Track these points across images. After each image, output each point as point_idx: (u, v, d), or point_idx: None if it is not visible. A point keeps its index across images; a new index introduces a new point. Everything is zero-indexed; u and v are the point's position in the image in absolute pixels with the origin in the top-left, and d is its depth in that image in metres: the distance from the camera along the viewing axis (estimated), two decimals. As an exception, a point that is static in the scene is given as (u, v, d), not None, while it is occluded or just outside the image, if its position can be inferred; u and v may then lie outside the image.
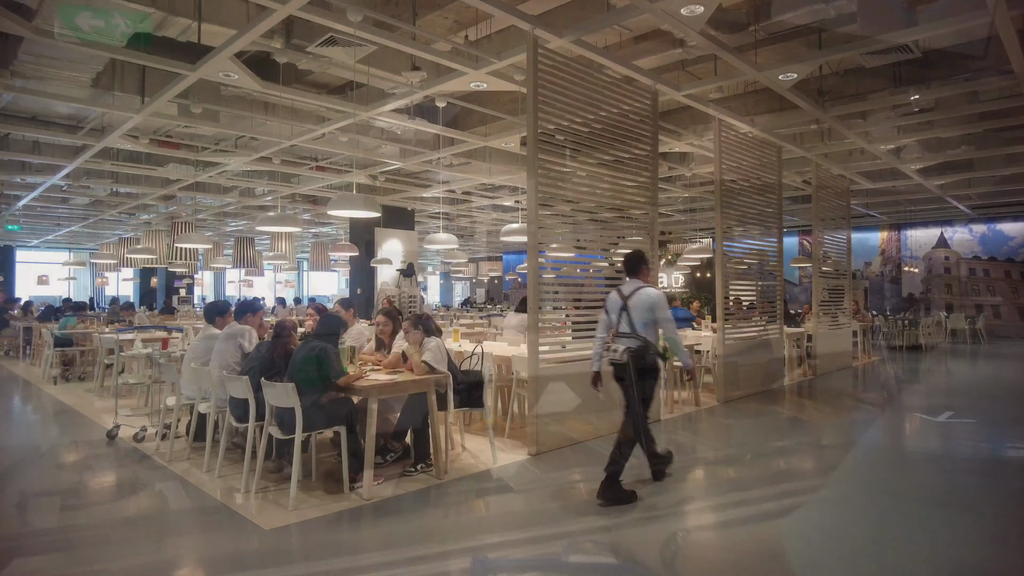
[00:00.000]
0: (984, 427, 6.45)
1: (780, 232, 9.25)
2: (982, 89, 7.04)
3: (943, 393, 8.58)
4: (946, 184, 12.17)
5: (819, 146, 9.49)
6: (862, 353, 12.40)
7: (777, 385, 9.00)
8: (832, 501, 4.25)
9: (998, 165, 10.72)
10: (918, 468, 5.10)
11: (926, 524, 3.76)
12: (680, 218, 16.86)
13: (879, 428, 6.62)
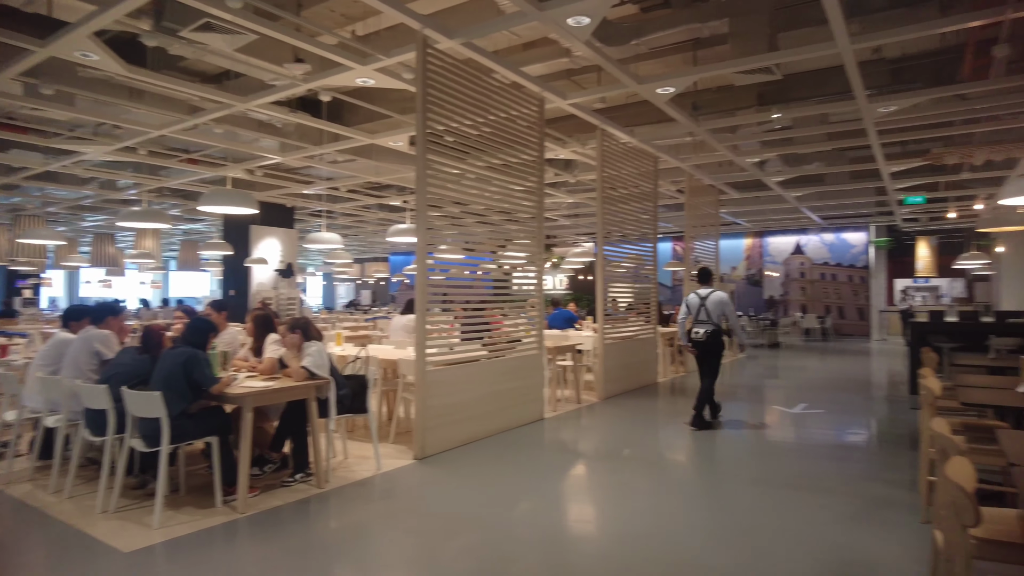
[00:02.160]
0: (832, 416, 7.12)
1: (655, 238, 9.75)
2: (831, 112, 7.77)
3: (798, 387, 9.39)
4: (802, 196, 13.34)
5: (692, 157, 10.09)
6: (729, 351, 13.33)
7: (653, 381, 9.49)
8: (703, 489, 4.52)
9: (844, 181, 11.90)
10: (779, 456, 5.54)
11: (790, 507, 4.09)
12: (565, 223, 17.35)
13: (743, 420, 7.13)
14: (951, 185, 12.40)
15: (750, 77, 6.60)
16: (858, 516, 3.93)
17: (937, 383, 3.92)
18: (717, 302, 6.48)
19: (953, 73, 6.86)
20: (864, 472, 4.96)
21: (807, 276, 19.46)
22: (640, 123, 8.44)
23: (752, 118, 8.05)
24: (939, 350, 6.18)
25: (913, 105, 7.31)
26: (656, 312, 9.88)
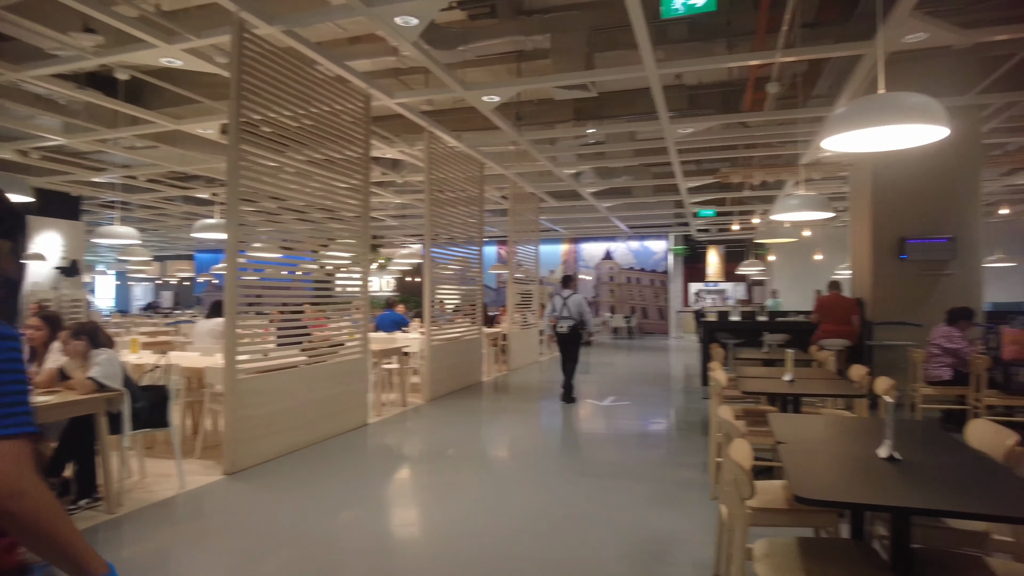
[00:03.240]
0: (637, 407, 7.78)
1: (481, 241, 9.98)
2: (638, 130, 8.51)
3: (607, 381, 10.13)
4: (612, 206, 14.44)
5: (516, 165, 10.49)
6: (547, 349, 14.05)
7: (478, 381, 9.69)
8: (525, 483, 4.71)
9: (648, 194, 13.08)
10: (591, 447, 5.93)
11: (603, 494, 4.39)
12: (392, 223, 17.13)
13: (560, 414, 7.53)
14: (735, 201, 14.17)
15: (568, 92, 7.01)
16: (660, 498, 4.33)
17: (723, 375, 4.44)
18: (576, 303, 8.02)
19: (738, 103, 7.83)
20: (665, 458, 5.47)
21: (615, 280, 21.10)
22: (467, 128, 8.59)
23: (570, 131, 8.56)
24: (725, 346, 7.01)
25: (706, 128, 8.23)
26: (482, 313, 10.11)
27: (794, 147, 9.07)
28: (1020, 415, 5.70)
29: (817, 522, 2.67)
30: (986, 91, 6.76)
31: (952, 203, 7.25)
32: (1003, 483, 2.00)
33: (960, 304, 6.33)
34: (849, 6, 5.81)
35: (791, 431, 2.73)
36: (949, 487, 2.03)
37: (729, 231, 17.79)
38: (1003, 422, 2.56)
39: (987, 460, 2.25)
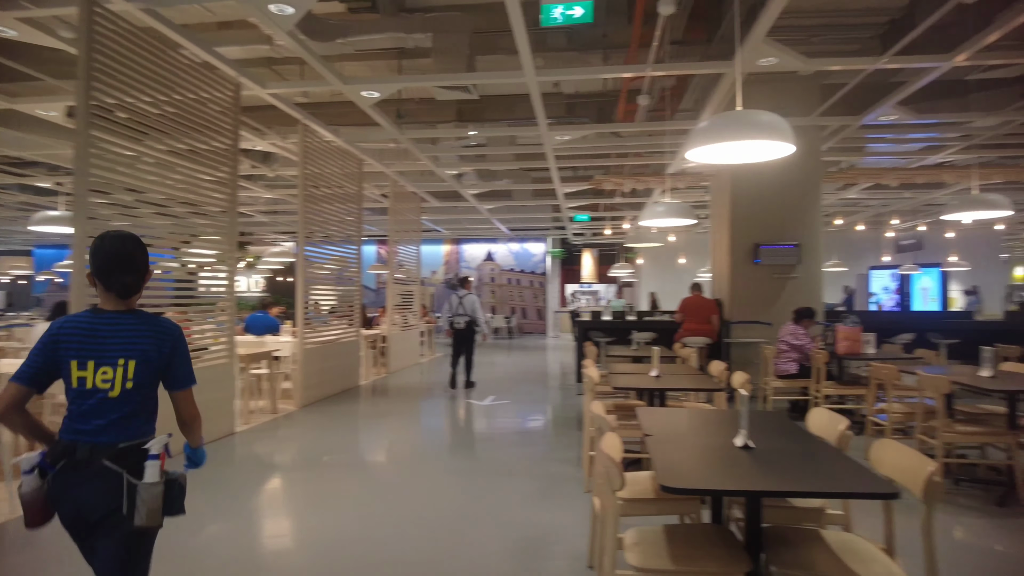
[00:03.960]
0: (516, 406, 7.92)
1: (360, 240, 9.74)
2: (519, 134, 8.67)
3: (488, 380, 10.23)
4: (493, 208, 14.61)
5: (396, 163, 10.33)
6: (428, 351, 13.97)
7: (355, 384, 9.45)
8: (405, 486, 4.65)
9: (528, 197, 13.37)
10: (473, 446, 5.97)
11: (484, 493, 4.43)
12: (263, 219, 16.28)
13: (441, 415, 7.52)
14: (608, 207, 14.81)
15: (450, 93, 7.02)
16: (538, 494, 4.44)
17: (596, 372, 4.62)
18: (471, 302, 9.07)
19: (611, 113, 8.19)
20: (542, 454, 5.62)
21: (496, 281, 21.38)
22: (345, 123, 8.35)
23: (451, 132, 8.56)
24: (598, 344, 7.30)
25: (582, 136, 8.54)
26: (360, 315, 9.86)
27: (661, 157, 9.63)
28: (851, 403, 6.40)
29: (682, 509, 2.85)
30: (825, 114, 7.54)
31: (798, 213, 8.02)
32: (836, 464, 2.24)
33: (804, 304, 7.01)
34: (713, 28, 6.26)
35: (657, 424, 2.90)
36: (793, 471, 2.24)
37: (602, 235, 18.57)
38: (837, 409, 2.87)
39: (824, 444, 2.52)
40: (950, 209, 6.50)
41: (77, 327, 1.88)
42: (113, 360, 1.87)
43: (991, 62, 6.00)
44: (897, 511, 2.21)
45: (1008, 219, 13.38)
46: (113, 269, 1.91)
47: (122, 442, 1.86)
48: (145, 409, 1.96)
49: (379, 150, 9.85)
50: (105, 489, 1.83)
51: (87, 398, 1.85)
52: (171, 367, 2.00)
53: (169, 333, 1.99)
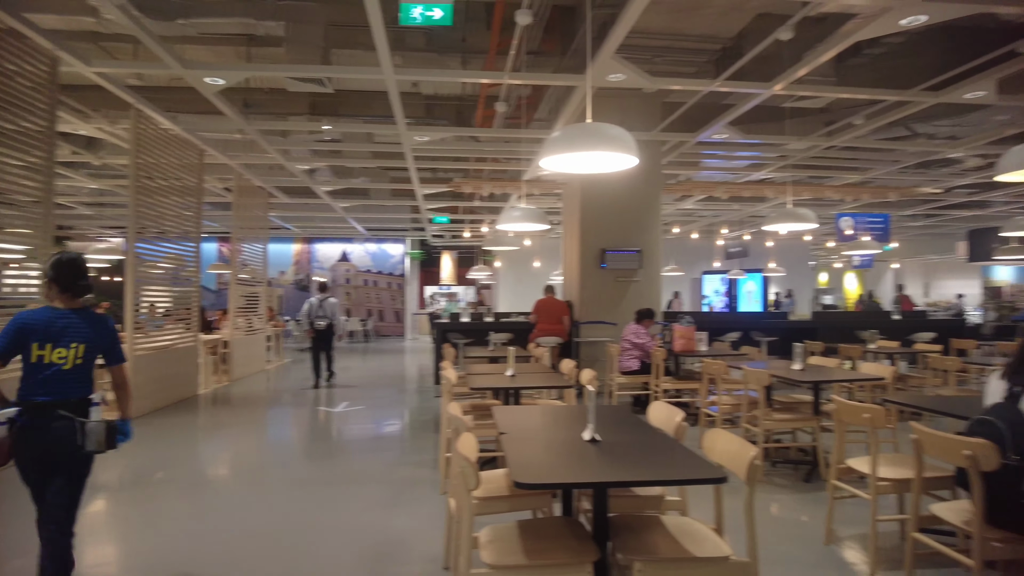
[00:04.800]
0: (371, 411, 7.75)
1: (199, 237, 9.04)
2: (376, 132, 8.50)
3: (342, 386, 9.91)
4: (349, 207, 14.19)
5: (242, 156, 9.71)
6: (276, 356, 13.26)
7: (193, 394, 8.76)
8: (250, 500, 4.38)
9: (386, 197, 13.14)
10: (323, 455, 5.75)
11: (334, 502, 4.27)
12: (86, 212, 14.59)
13: (288, 425, 7.17)
14: (467, 210, 14.94)
15: (303, 85, 6.73)
16: (393, 499, 4.38)
17: (454, 373, 4.65)
18: (331, 304, 9.82)
19: (470, 117, 8.29)
20: (397, 459, 5.54)
21: (352, 282, 20.78)
22: (185, 110, 7.72)
23: (304, 126, 8.21)
24: (456, 345, 7.33)
25: (441, 139, 8.55)
26: (198, 318, 9.14)
27: (518, 163, 9.90)
28: (687, 396, 6.96)
29: (535, 504, 2.94)
30: (665, 130, 8.15)
31: (640, 221, 8.59)
32: (673, 453, 2.43)
33: (645, 306, 7.51)
34: (567, 42, 6.54)
35: (512, 422, 2.97)
36: (636, 462, 2.40)
37: (462, 237, 18.71)
38: (674, 402, 3.11)
39: (663, 435, 2.72)
40: (769, 221, 7.28)
41: (38, 319, 2.59)
42: (67, 344, 2.60)
43: (801, 93, 6.81)
44: (726, 493, 2.44)
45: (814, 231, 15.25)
46: (77, 277, 2.68)
47: (74, 398, 2.62)
48: (88, 377, 2.70)
49: (223, 141, 9.20)
50: (66, 428, 2.56)
51: (45, 370, 2.56)
52: (109, 350, 2.79)
53: (107, 325, 2.78)
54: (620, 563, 2.27)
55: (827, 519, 3.55)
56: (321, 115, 7.97)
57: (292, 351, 15.86)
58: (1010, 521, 2.41)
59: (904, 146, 8.96)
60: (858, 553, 3.39)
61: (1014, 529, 2.41)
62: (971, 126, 8.39)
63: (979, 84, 6.36)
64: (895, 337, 8.84)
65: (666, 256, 11.42)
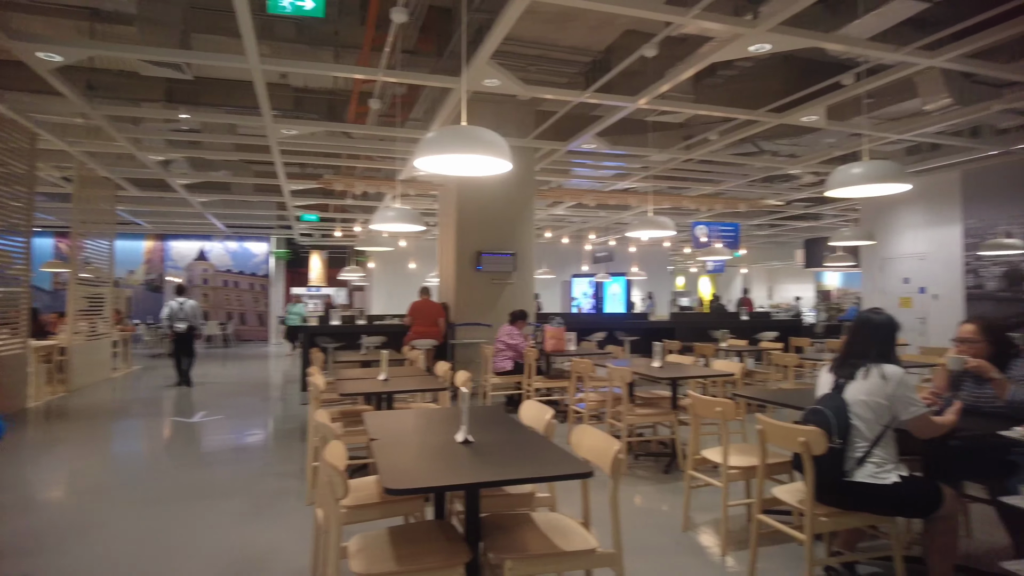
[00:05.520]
0: (231, 420, 7.29)
1: (30, 231, 8.06)
2: (240, 123, 8.02)
3: (197, 395, 9.25)
4: (208, 202, 13.27)
5: (85, 143, 8.79)
6: (123, 363, 12.11)
7: (21, 408, 7.79)
8: (91, 525, 3.96)
9: (249, 192, 12.43)
10: (176, 470, 5.32)
11: (191, 519, 3.96)
12: None
13: (136, 439, 6.58)
14: (338, 208, 14.49)
15: (158, 70, 6.22)
16: (256, 511, 4.14)
17: (322, 379, 4.48)
18: (192, 307, 10.00)
19: (342, 113, 8.04)
20: (260, 469, 5.25)
21: (210, 283, 19.43)
22: (14, 87, 6.86)
23: (158, 113, 7.58)
24: (325, 350, 7.09)
25: (311, 133, 8.23)
26: (29, 322, 8.14)
27: (392, 163, 9.74)
28: (557, 394, 7.17)
29: (407, 509, 2.90)
30: (538, 137, 8.37)
31: (514, 225, 8.75)
32: (543, 451, 2.49)
33: (519, 307, 7.66)
34: (443, 43, 6.53)
35: (384, 427, 2.91)
36: (507, 461, 2.43)
37: (332, 237, 18.10)
38: (545, 401, 3.19)
39: (534, 433, 2.78)
40: (632, 227, 7.68)
41: None
42: None
43: (663, 108, 7.25)
44: (592, 487, 2.54)
45: (673, 238, 16.31)
46: None
47: None
48: None
49: (61, 125, 8.27)
50: None
51: None
52: None
53: None
54: (492, 562, 2.30)
55: (684, 507, 3.80)
56: (178, 103, 7.39)
57: (143, 357, 14.56)
58: (834, 498, 2.70)
59: (752, 161, 9.82)
60: (712, 537, 3.66)
61: (837, 504, 2.70)
62: (806, 146, 9.36)
63: (812, 109, 7.10)
64: (743, 336, 9.65)
65: (539, 259, 11.73)
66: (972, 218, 9.81)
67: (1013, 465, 2.88)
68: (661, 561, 3.36)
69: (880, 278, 11.36)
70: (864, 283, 11.93)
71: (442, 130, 3.18)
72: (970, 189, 9.85)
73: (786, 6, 4.63)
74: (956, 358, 3.09)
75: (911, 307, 10.67)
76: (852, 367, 2.77)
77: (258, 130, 8.07)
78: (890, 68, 5.98)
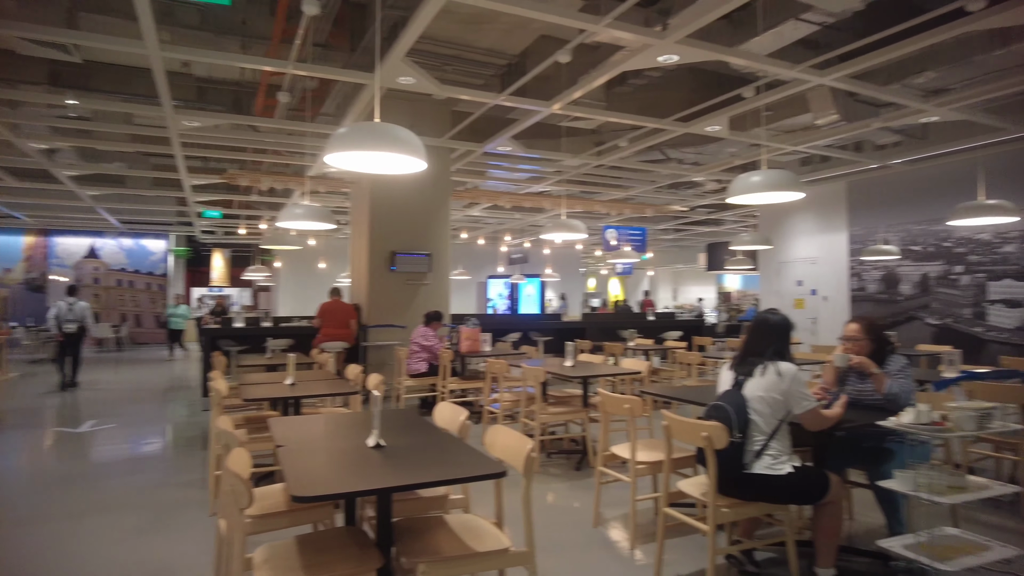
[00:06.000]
0: (125, 429, 6.82)
1: None
2: (136, 113, 7.51)
3: (86, 403, 8.60)
4: (99, 196, 12.35)
5: (-48, 126, 7.98)
6: None
7: None
8: (-47, 548, 3.59)
9: (146, 186, 11.68)
10: (62, 484, 4.92)
11: (80, 536, 3.67)
12: None
13: (16, 451, 6.04)
14: (243, 204, 13.87)
15: (41, 49, 5.74)
16: (154, 525, 3.89)
17: (225, 384, 4.27)
18: (81, 308, 9.81)
19: (249, 105, 7.70)
20: (158, 480, 4.94)
21: (102, 283, 18.10)
22: None
23: (41, 98, 6.98)
24: (228, 353, 6.76)
25: (215, 125, 7.83)
26: None
27: (302, 158, 9.43)
28: (472, 395, 7.16)
29: (316, 517, 2.81)
30: (454, 138, 8.34)
31: (430, 225, 8.68)
32: (457, 453, 2.48)
33: (434, 308, 7.61)
34: (357, 38, 6.38)
35: (291, 433, 2.81)
36: (420, 464, 2.41)
37: (236, 235, 17.31)
38: (460, 402, 3.18)
39: (448, 435, 2.76)
40: (546, 230, 7.79)
41: None
42: None
43: (576, 114, 7.41)
44: (506, 486, 2.55)
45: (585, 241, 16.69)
46: None
47: None
48: None
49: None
50: None
51: None
52: None
53: None
54: (404, 567, 2.26)
55: (595, 503, 3.89)
56: (65, 87, 6.84)
57: (21, 363, 13.38)
58: (735, 489, 2.85)
59: (659, 168, 10.20)
60: (621, 531, 3.76)
61: (738, 495, 2.85)
62: (710, 155, 9.82)
63: (716, 120, 7.46)
64: (650, 336, 10.00)
65: (455, 260, 11.69)
66: (856, 226, 10.61)
67: (889, 452, 3.14)
68: (573, 557, 3.43)
69: (776, 281, 12.09)
70: (762, 285, 12.66)
71: (354, 126, 3.11)
72: (854, 199, 10.66)
73: (693, 19, 4.84)
74: (842, 355, 3.34)
75: (804, 308, 11.41)
76: (751, 365, 2.93)
77: (157, 120, 7.59)
78: (786, 84, 6.38)
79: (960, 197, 6.44)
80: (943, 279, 9.34)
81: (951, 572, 2.57)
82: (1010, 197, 6.14)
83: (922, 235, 9.66)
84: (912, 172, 9.67)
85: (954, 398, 3.09)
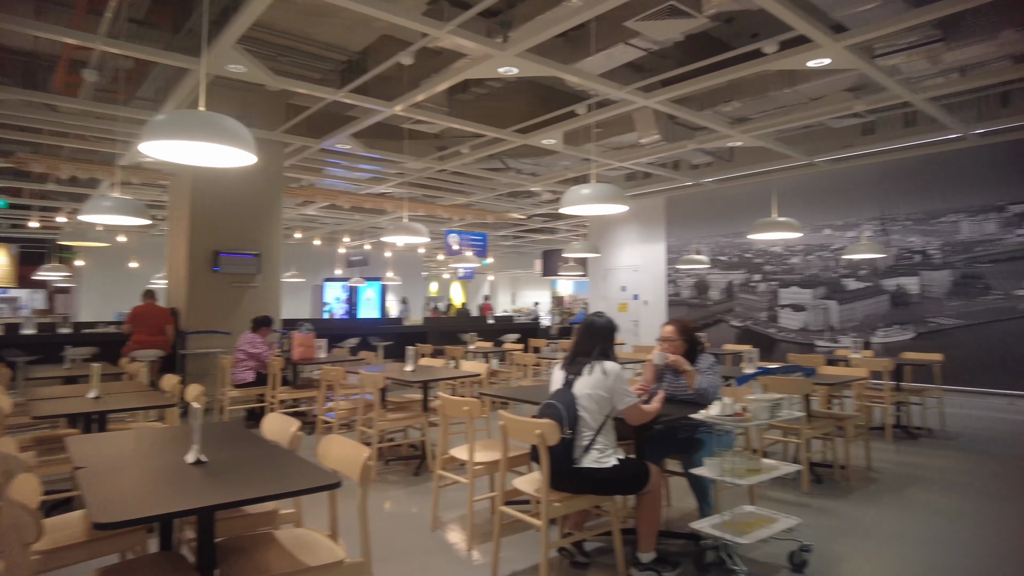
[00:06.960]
0: None
1: None
2: None
3: None
4: None
5: None
6: None
7: None
8: None
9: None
10: None
11: None
12: None
13: None
14: (36, 194, 12.14)
15: None
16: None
17: (8, 400, 3.71)
18: None
19: (46, 81, 6.77)
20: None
21: None
22: None
23: None
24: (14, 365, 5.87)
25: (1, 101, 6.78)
26: None
27: (112, 145, 8.47)
28: (304, 405, 6.85)
29: (125, 544, 2.52)
30: (288, 132, 7.94)
31: (259, 223, 8.17)
32: (287, 465, 2.36)
33: (263, 313, 7.17)
34: (182, 18, 5.86)
35: (94, 453, 2.51)
36: (246, 479, 2.25)
37: (26, 228, 15.10)
38: (292, 412, 3.03)
39: (277, 448, 2.62)
40: (388, 232, 7.68)
41: None
42: None
43: (418, 117, 7.38)
44: (342, 497, 2.47)
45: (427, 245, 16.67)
46: None
47: None
48: None
49: None
50: None
51: None
52: None
53: None
54: (228, 590, 2.11)
55: (433, 507, 3.89)
56: None
57: None
58: (566, 483, 2.99)
59: (499, 176, 10.47)
60: (459, 533, 3.79)
61: (569, 489, 3.00)
62: (546, 167, 10.26)
63: (551, 133, 7.82)
64: (490, 338, 10.22)
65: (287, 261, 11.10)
66: (672, 237, 11.66)
67: (700, 442, 3.48)
68: (410, 563, 3.40)
69: (603, 286, 12.92)
70: (591, 290, 13.46)
71: (175, 113, 2.86)
72: (672, 213, 11.71)
73: (532, 34, 5.04)
74: (659, 355, 3.64)
75: (627, 311, 12.30)
76: (579, 364, 3.11)
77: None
78: (615, 103, 6.85)
79: (759, 214, 7.32)
80: (744, 286, 10.55)
81: (747, 544, 2.91)
82: (796, 216, 7.09)
83: (728, 247, 10.85)
84: (721, 190, 10.83)
85: (752, 391, 3.50)
